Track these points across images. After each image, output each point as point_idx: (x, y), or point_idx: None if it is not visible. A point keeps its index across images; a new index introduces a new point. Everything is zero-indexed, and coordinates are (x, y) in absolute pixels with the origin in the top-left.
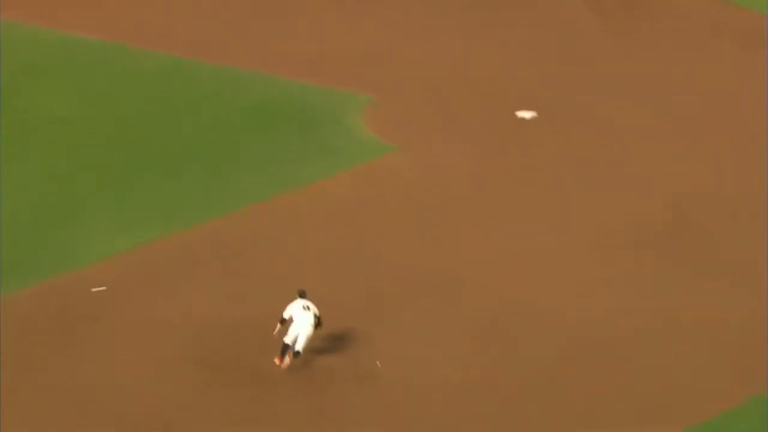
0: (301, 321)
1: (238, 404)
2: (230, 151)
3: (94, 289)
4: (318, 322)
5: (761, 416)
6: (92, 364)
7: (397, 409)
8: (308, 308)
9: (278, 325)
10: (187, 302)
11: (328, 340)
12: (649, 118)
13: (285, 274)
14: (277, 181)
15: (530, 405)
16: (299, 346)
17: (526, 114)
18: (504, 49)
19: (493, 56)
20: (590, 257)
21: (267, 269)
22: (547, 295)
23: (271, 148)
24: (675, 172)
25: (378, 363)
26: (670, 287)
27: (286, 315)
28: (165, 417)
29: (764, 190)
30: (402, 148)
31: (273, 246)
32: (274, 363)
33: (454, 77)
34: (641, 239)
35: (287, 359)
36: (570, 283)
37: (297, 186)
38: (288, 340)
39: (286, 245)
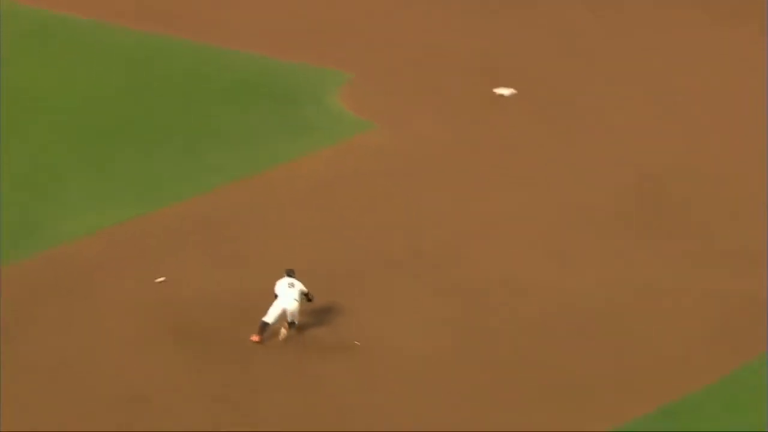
0: (284, 298)
1: (221, 380)
2: (208, 128)
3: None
4: (308, 298)
5: (744, 388)
6: (74, 340)
7: (383, 382)
8: (293, 285)
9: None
10: (170, 279)
11: (313, 315)
12: (632, 95)
13: (267, 251)
14: (256, 158)
15: (511, 378)
16: (293, 319)
17: (504, 91)
18: (484, 26)
19: (471, 34)
20: (571, 230)
21: (249, 246)
22: (530, 268)
23: (249, 125)
24: (656, 148)
25: (357, 342)
26: (652, 260)
27: (276, 292)
28: (146, 393)
29: (748, 162)
30: (380, 126)
31: (254, 223)
32: (252, 340)
33: (431, 55)
34: (622, 213)
35: (283, 331)
36: (552, 256)
37: (276, 163)
38: (268, 318)
39: (268, 222)
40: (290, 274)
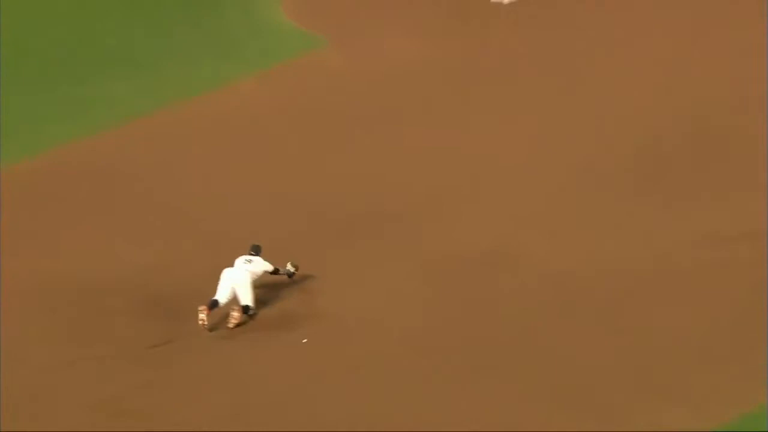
0: (235, 272)
1: (121, 386)
2: (107, 50)
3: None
4: (288, 275)
5: None
6: None
7: (332, 375)
8: (249, 262)
9: None
10: (65, 252)
11: (266, 288)
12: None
13: (193, 211)
14: (168, 88)
15: (494, 358)
16: (246, 301)
17: None
18: None
19: None
20: (567, 180)
21: (168, 204)
22: (516, 226)
23: (159, 44)
24: (675, 82)
25: (304, 340)
26: (663, 217)
27: None
28: (31, 397)
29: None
30: (333, 42)
31: (173, 172)
32: (199, 313)
33: None
34: (629, 160)
35: (235, 315)
36: (542, 213)
37: (193, 94)
38: (219, 295)
39: (191, 170)
40: (253, 250)
